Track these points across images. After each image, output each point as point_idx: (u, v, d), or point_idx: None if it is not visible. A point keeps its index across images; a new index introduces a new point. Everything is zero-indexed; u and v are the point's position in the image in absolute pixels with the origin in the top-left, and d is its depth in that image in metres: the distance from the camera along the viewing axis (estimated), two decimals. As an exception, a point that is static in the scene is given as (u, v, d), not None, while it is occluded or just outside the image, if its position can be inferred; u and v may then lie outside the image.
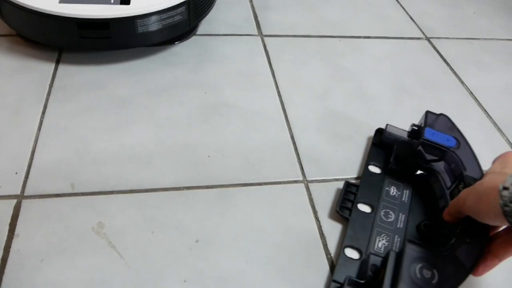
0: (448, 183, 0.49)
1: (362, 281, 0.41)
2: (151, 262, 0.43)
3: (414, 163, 0.53)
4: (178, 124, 0.57)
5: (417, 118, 0.63)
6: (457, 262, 0.39)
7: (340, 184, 0.52)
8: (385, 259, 0.41)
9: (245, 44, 0.72)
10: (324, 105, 0.63)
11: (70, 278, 0.41)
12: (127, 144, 0.53)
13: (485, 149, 0.60)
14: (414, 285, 0.38)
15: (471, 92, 0.70)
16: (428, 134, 0.50)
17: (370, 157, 0.55)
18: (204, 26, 0.74)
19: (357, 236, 0.47)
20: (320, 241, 0.47)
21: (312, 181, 0.53)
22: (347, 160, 0.56)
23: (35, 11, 0.57)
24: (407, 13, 0.87)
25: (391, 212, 0.49)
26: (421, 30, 0.83)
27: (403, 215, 0.49)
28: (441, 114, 0.54)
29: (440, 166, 0.51)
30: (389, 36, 0.80)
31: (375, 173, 0.54)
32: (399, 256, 0.41)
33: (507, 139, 0.63)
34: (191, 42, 0.71)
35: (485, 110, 0.67)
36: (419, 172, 0.54)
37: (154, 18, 0.61)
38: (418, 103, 0.66)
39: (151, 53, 0.67)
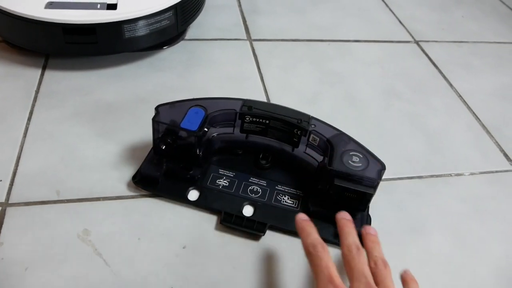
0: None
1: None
2: (138, 269, 0.42)
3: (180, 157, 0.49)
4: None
5: (405, 122, 0.63)
6: None
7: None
8: None
9: (233, 49, 0.72)
10: (313, 109, 0.63)
11: (55, 287, 0.40)
12: (113, 151, 0.53)
13: (474, 152, 0.61)
14: None
15: (460, 95, 0.70)
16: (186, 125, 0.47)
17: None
18: (193, 30, 0.74)
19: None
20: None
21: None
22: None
23: (20, 16, 0.57)
24: (396, 17, 0.88)
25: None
26: (410, 34, 0.83)
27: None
28: (170, 102, 0.50)
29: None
30: (378, 40, 0.80)
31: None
32: None
33: (496, 141, 0.63)
34: (179, 47, 0.70)
35: (473, 113, 0.67)
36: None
37: (141, 23, 0.60)
38: (407, 107, 0.66)
39: (138, 58, 0.67)
